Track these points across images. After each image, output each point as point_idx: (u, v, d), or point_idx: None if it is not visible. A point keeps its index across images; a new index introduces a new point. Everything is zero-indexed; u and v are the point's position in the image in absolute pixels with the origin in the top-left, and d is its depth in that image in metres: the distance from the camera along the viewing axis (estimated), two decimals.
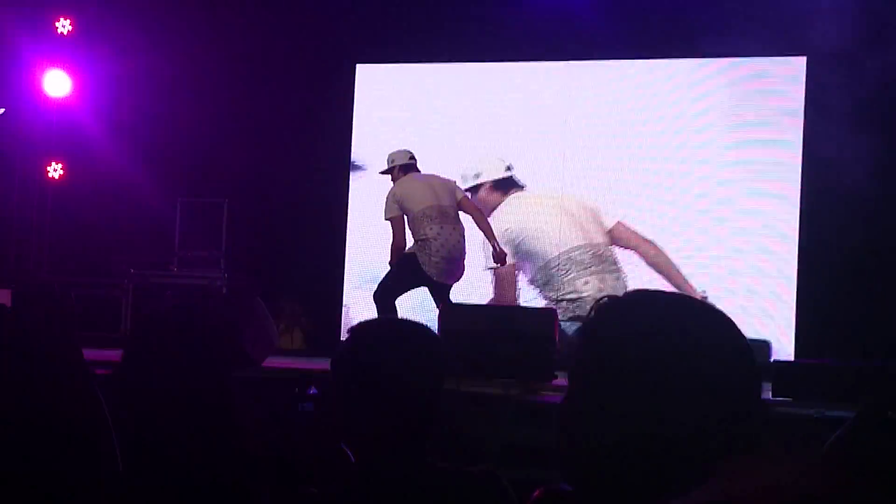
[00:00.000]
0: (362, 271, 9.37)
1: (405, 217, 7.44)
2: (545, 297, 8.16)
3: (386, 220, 7.54)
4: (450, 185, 7.65)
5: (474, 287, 8.84)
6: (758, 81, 8.76)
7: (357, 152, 9.64)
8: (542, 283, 7.75)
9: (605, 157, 9.00)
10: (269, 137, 9.73)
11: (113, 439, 2.21)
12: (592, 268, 7.59)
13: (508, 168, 7.98)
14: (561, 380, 6.71)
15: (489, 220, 7.64)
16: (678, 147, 8.87)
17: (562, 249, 7.64)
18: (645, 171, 8.88)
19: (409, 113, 9.09)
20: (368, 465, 2.13)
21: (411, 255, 7.41)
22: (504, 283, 7.72)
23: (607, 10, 8.81)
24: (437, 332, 5.71)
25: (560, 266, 7.53)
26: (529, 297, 8.40)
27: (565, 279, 7.58)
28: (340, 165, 9.65)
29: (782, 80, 8.70)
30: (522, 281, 8.36)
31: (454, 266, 7.45)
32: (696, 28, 8.61)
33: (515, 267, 7.94)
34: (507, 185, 8.08)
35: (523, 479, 2.77)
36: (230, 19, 9.75)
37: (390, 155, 7.83)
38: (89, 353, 3.13)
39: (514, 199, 8.00)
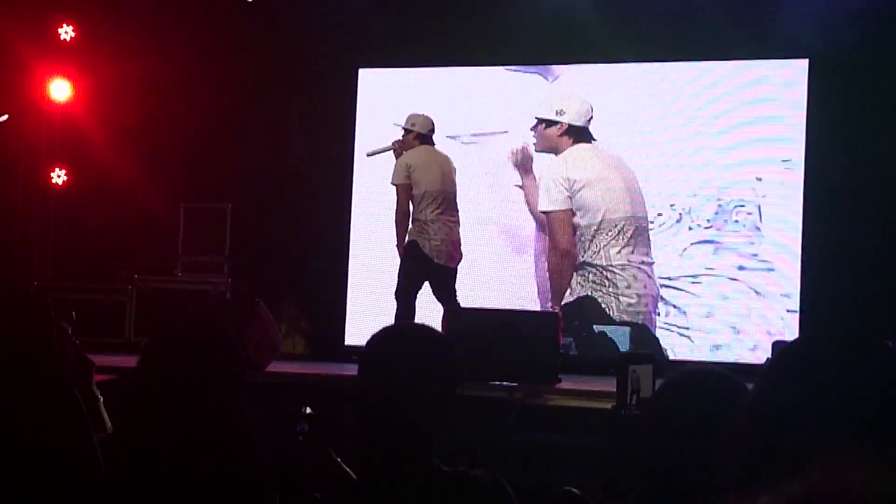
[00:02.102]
0: (366, 276, 9.37)
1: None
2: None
3: (392, 184, 7.68)
4: (455, 170, 7.83)
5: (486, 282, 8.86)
6: (760, 84, 8.75)
7: (360, 156, 9.63)
8: (581, 239, 7.68)
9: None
10: (271, 142, 9.74)
11: (94, 445, 2.21)
12: (631, 239, 7.55)
13: (589, 120, 7.93)
14: (565, 383, 6.71)
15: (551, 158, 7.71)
16: (677, 152, 8.86)
17: (610, 215, 7.59)
18: (645, 176, 8.86)
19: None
20: (376, 469, 2.14)
21: (412, 242, 7.57)
22: (560, 227, 7.70)
23: (609, 13, 8.81)
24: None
25: (603, 229, 7.48)
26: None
27: (602, 244, 7.55)
28: (343, 170, 9.65)
29: (784, 82, 8.69)
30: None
31: (452, 248, 7.63)
32: (698, 31, 8.61)
33: (573, 213, 7.81)
34: (579, 134, 7.96)
35: (527, 483, 2.77)
36: (232, 25, 9.75)
37: (412, 117, 7.91)
38: (93, 359, 3.12)
39: (579, 149, 7.87)
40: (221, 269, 9.54)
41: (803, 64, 8.59)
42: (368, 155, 8.22)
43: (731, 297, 8.34)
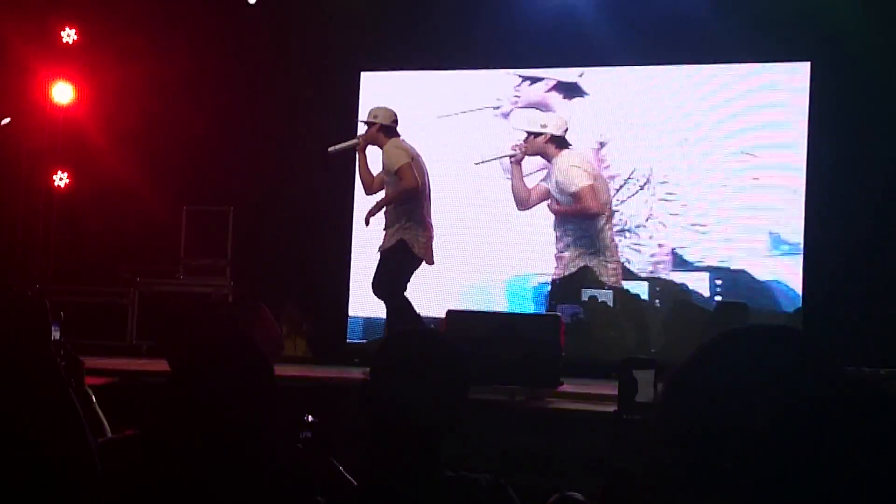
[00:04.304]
0: (367, 279, 9.36)
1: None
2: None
3: (399, 167, 7.39)
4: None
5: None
6: (762, 86, 8.76)
7: None
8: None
9: (606, 163, 9.01)
10: (273, 145, 9.74)
11: (90, 448, 2.22)
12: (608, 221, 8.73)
13: (566, 130, 8.75)
14: (566, 386, 6.71)
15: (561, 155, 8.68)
16: (683, 154, 8.87)
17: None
18: (648, 178, 8.88)
19: (413, 120, 9.09)
20: (381, 474, 2.15)
21: (400, 242, 7.40)
22: (591, 195, 8.69)
23: (610, 16, 8.82)
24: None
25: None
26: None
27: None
28: (345, 172, 9.65)
29: (787, 84, 8.70)
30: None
31: (431, 245, 7.52)
32: (700, 33, 8.62)
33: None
34: (560, 142, 8.75)
35: (528, 486, 2.77)
36: (235, 28, 9.77)
37: (373, 110, 7.79)
38: (96, 362, 3.13)
39: (569, 151, 8.80)
40: (223, 272, 9.54)
41: (805, 66, 8.60)
42: (331, 152, 7.95)
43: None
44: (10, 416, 2.20)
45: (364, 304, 9.30)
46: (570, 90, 9.26)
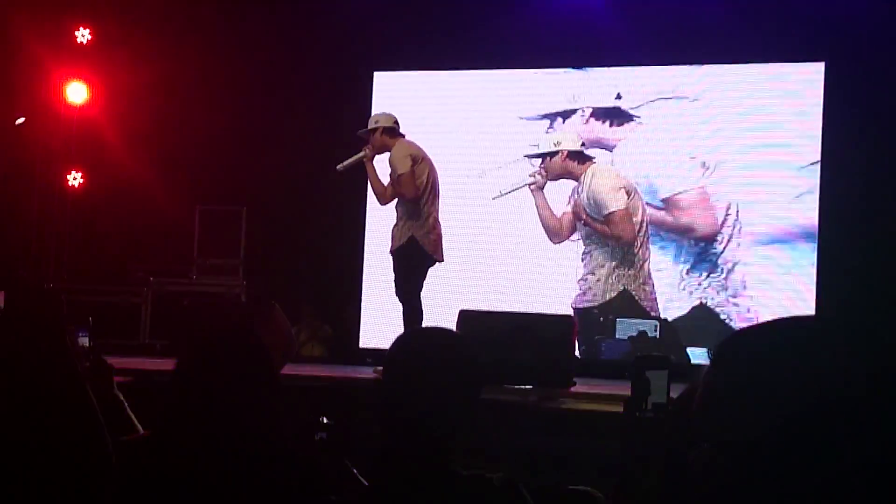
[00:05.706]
0: (380, 279, 9.36)
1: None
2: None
3: (399, 175, 7.37)
4: None
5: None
6: (776, 86, 8.72)
7: (375, 159, 9.62)
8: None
9: (618, 163, 8.99)
10: (287, 145, 9.75)
11: (107, 442, 2.22)
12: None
13: (583, 144, 8.65)
14: (579, 387, 6.70)
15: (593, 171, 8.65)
16: (696, 152, 8.85)
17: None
18: (660, 177, 8.86)
19: (426, 120, 9.09)
20: (395, 472, 2.15)
21: (410, 239, 7.36)
22: (624, 222, 8.55)
23: (622, 16, 8.80)
24: None
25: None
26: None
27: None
28: (358, 173, 9.65)
29: (801, 84, 8.66)
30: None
31: (441, 242, 7.47)
32: (715, 34, 8.59)
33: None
34: (581, 156, 8.64)
35: (542, 487, 2.76)
36: (248, 28, 9.78)
37: (374, 117, 7.79)
38: (109, 361, 3.14)
39: (596, 168, 8.72)
40: (236, 272, 9.56)
41: (820, 67, 8.57)
42: (340, 169, 7.90)
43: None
44: (26, 412, 2.21)
45: (377, 305, 9.31)
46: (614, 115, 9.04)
